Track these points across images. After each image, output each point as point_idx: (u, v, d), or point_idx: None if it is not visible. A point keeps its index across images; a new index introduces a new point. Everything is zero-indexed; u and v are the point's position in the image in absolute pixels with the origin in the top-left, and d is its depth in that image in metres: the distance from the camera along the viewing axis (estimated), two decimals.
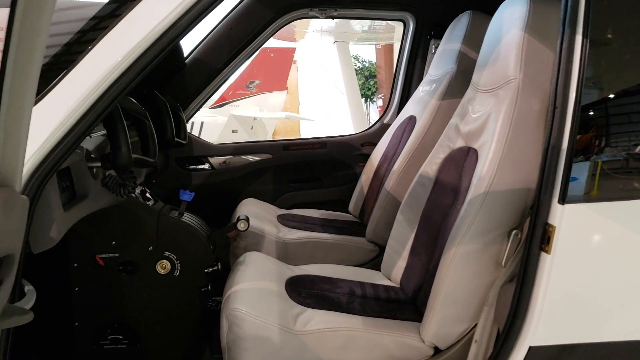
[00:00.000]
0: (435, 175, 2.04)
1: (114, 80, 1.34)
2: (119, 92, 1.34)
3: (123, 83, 1.34)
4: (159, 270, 2.06)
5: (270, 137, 11.51)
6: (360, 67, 16.83)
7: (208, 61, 2.88)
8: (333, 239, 2.48)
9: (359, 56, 16.39)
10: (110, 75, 1.34)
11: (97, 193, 1.75)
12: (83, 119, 1.32)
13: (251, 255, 2.14)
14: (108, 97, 1.33)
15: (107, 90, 1.33)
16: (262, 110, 11.16)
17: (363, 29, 9.15)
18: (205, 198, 3.02)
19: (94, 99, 1.33)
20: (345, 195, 3.09)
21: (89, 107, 1.33)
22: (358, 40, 10.34)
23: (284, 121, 12.76)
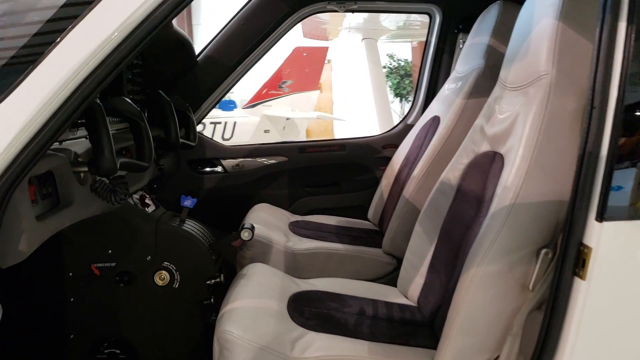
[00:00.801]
0: (458, 183, 1.85)
1: (87, 75, 1.21)
2: (93, 88, 1.22)
3: (97, 78, 1.21)
4: (157, 281, 1.96)
5: (303, 137, 11.43)
6: (395, 66, 16.57)
7: (220, 59, 2.74)
8: (346, 250, 2.30)
9: (394, 55, 16.15)
10: (82, 69, 1.21)
11: (85, 200, 1.62)
12: (52, 120, 1.19)
13: (254, 268, 1.98)
14: (80, 94, 1.21)
15: (78, 86, 1.20)
16: (294, 110, 11.07)
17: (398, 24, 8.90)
18: (217, 202, 2.90)
19: (64, 96, 1.20)
20: (365, 201, 2.92)
21: (58, 106, 1.20)
22: (392, 37, 10.07)
23: (317, 121, 12.69)
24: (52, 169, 1.52)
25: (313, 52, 11.24)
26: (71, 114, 1.21)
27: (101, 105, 1.49)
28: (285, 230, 2.45)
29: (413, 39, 11.01)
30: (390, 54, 15.28)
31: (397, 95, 15.21)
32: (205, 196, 2.89)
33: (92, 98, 1.23)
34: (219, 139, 10.14)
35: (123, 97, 1.76)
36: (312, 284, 1.97)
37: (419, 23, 8.85)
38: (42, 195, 1.48)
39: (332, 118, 12.97)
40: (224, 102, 14.80)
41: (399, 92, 15.76)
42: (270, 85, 11.21)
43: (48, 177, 1.53)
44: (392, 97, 15.22)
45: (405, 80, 16.46)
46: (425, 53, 3.10)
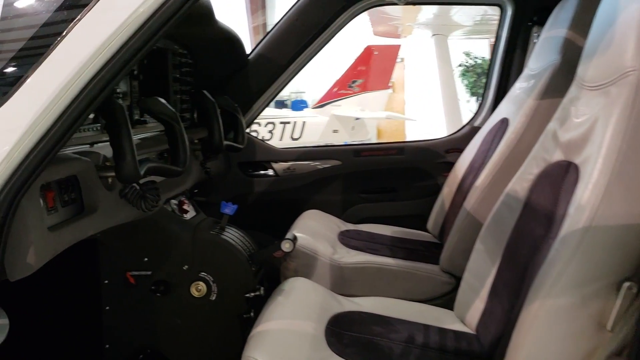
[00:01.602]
0: (526, 196, 1.63)
1: (97, 70, 1.10)
2: (104, 85, 1.11)
3: (109, 73, 1.11)
4: (193, 292, 1.88)
5: (373, 138, 11.26)
6: (472, 64, 16.06)
7: (273, 57, 2.61)
8: (399, 266, 2.10)
9: (470, 52, 15.64)
10: (91, 64, 1.10)
11: (112, 206, 1.53)
12: (59, 121, 1.09)
13: (295, 283, 1.83)
14: (90, 92, 1.10)
15: (88, 82, 1.10)
16: (364, 110, 10.91)
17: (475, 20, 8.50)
18: (267, 207, 2.79)
19: (71, 95, 1.11)
20: (425, 210, 2.70)
21: (65, 106, 1.11)
22: (468, 33, 9.67)
23: (388, 121, 12.51)
24: (76, 173, 1.43)
25: (384, 51, 11.10)
26: (80, 114, 1.12)
27: (122, 105, 1.39)
28: (333, 241, 2.28)
29: (490, 35, 10.55)
30: (467, 52, 14.85)
31: (473, 94, 14.80)
32: (255, 200, 2.78)
33: (104, 96, 1.12)
34: (288, 138, 10.17)
35: (157, 97, 1.66)
36: (356, 303, 1.79)
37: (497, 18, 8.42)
38: (63, 202, 1.39)
39: (401, 118, 12.72)
40: (295, 102, 14.92)
41: (475, 92, 15.31)
42: (341, 85, 11.15)
43: (72, 182, 1.44)
44: (469, 96, 14.80)
45: (482, 79, 15.94)
46: (495, 49, 2.85)
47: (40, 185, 1.30)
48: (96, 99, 1.13)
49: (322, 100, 11.30)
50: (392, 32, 9.72)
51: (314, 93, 12.63)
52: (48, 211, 1.33)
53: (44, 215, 1.30)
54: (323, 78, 11.92)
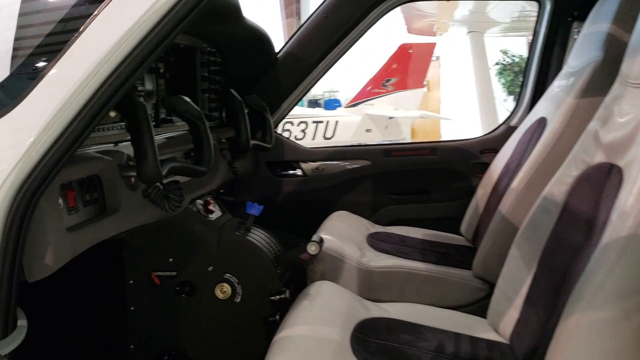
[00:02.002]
0: (564, 200, 1.54)
1: (115, 66, 1.08)
2: (122, 81, 1.08)
3: (127, 69, 1.08)
4: (217, 294, 1.84)
5: (407, 138, 11.16)
6: (509, 62, 15.76)
7: (302, 55, 2.56)
8: (429, 271, 2.02)
9: (508, 50, 15.34)
10: (109, 59, 1.07)
11: (134, 207, 1.51)
12: (75, 120, 1.07)
13: (321, 287, 1.78)
14: (109, 88, 1.07)
15: (106, 79, 1.07)
16: (398, 109, 10.82)
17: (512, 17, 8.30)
18: (295, 208, 2.74)
19: (90, 91, 1.07)
20: (458, 212, 2.60)
21: (84, 102, 1.08)
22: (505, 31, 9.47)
23: (423, 120, 12.39)
24: (99, 172, 1.41)
25: (419, 49, 11.02)
26: (98, 111, 1.09)
27: (144, 104, 1.36)
28: (361, 244, 2.22)
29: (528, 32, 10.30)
30: (504, 50, 14.61)
31: (510, 93, 14.56)
32: (283, 200, 2.74)
33: (120, 94, 1.10)
34: (321, 138, 10.15)
35: (182, 96, 1.63)
36: (384, 309, 1.73)
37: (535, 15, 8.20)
38: (84, 201, 1.37)
39: (436, 117, 12.57)
40: (328, 101, 14.91)
41: (512, 90, 15.05)
42: (374, 83, 11.11)
43: (95, 182, 1.42)
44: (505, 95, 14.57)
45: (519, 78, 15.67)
46: (533, 45, 2.73)
47: (61, 185, 1.29)
48: (115, 95, 1.10)
49: (355, 99, 11.26)
50: (427, 30, 9.59)
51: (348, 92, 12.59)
52: (69, 211, 1.31)
53: (64, 215, 1.28)
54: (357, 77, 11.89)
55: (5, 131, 1.07)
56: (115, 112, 1.44)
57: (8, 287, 1.09)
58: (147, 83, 1.78)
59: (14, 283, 1.10)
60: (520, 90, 2.84)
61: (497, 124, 3.01)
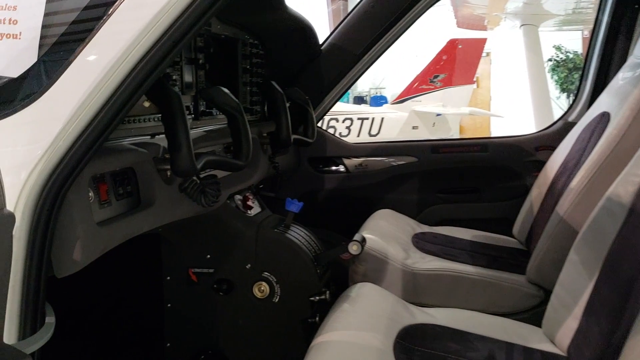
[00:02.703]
0: (631, 202, 1.40)
1: (145, 51, 1.02)
2: (153, 67, 1.03)
3: (158, 55, 1.03)
4: (255, 293, 1.80)
5: (455, 135, 10.95)
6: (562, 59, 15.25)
7: (346, 47, 2.47)
8: (479, 274, 1.90)
9: (561, 46, 14.85)
10: (138, 44, 1.02)
11: (169, 201, 1.46)
12: (106, 105, 1.02)
13: (362, 289, 1.69)
14: (138, 75, 1.02)
15: (135, 64, 1.02)
16: (446, 105, 10.60)
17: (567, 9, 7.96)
18: (338, 205, 2.67)
19: (119, 78, 1.02)
20: (511, 213, 2.46)
21: (113, 89, 1.02)
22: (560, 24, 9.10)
23: (472, 117, 12.13)
24: (133, 165, 1.36)
25: (469, 44, 10.80)
26: (127, 99, 1.04)
27: (178, 93, 1.30)
28: (406, 244, 2.11)
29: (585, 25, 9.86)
30: (557, 45, 14.15)
31: (563, 90, 14.11)
32: (324, 197, 2.67)
33: (151, 80, 1.05)
34: (366, 135, 10.05)
35: (220, 87, 1.57)
36: (430, 314, 1.63)
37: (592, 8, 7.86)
38: (117, 195, 1.33)
39: (486, 114, 12.28)
40: (374, 98, 14.77)
41: (566, 87, 14.59)
42: (422, 80, 10.93)
43: (129, 175, 1.37)
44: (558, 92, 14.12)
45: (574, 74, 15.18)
46: (595, 35, 2.56)
47: (92, 177, 1.25)
48: (145, 82, 1.04)
49: (402, 95, 11.10)
50: (477, 24, 9.32)
51: (394, 89, 12.43)
52: (100, 204, 1.27)
53: (95, 208, 1.24)
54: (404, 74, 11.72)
55: (31, 121, 1.03)
56: (149, 102, 1.38)
57: (36, 283, 1.05)
58: (185, 75, 1.73)
59: (42, 279, 1.07)
60: (579, 84, 2.68)
61: (552, 122, 2.84)
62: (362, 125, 10.14)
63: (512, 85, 12.61)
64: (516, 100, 12.30)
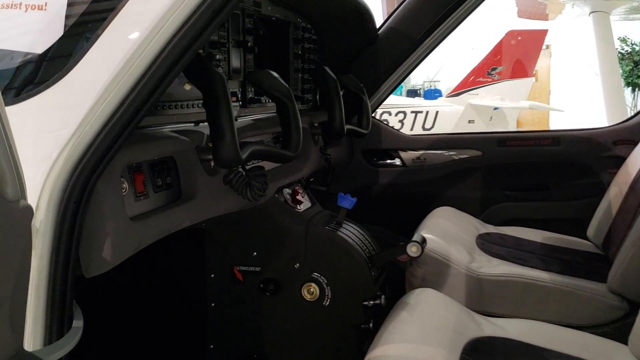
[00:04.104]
0: None
1: (182, 22, 0.91)
2: (191, 40, 0.93)
3: (196, 26, 0.92)
4: (304, 294, 1.67)
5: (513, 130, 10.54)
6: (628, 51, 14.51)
7: (405, 31, 2.29)
8: (554, 282, 1.70)
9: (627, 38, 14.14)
10: (172, 15, 0.91)
11: (213, 194, 1.35)
12: (139, 84, 0.92)
13: (422, 295, 1.53)
14: (174, 49, 0.92)
15: (171, 37, 0.91)
16: (504, 99, 10.20)
17: None
18: (393, 201, 2.51)
19: (152, 54, 0.91)
20: (585, 213, 2.25)
21: (146, 66, 0.92)
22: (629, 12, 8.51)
23: (530, 112, 11.70)
24: (173, 154, 1.25)
25: (528, 36, 10.43)
26: (162, 77, 0.93)
27: (222, 75, 1.17)
28: (470, 246, 1.92)
29: None
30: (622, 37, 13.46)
31: (628, 84, 13.44)
32: (379, 193, 2.52)
33: (189, 56, 0.94)
34: (419, 129, 9.81)
35: (269, 70, 1.43)
36: (499, 326, 1.45)
37: None
38: (155, 186, 1.22)
39: (546, 108, 11.81)
40: (428, 91, 14.44)
41: (632, 81, 13.88)
42: (478, 72, 10.60)
43: (169, 165, 1.26)
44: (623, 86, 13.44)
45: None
46: None
47: (128, 167, 1.14)
48: (182, 57, 0.92)
49: (458, 88, 10.79)
50: (539, 13, 8.88)
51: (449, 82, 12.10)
52: (136, 197, 1.17)
53: (130, 201, 1.13)
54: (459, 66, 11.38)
55: (54, 103, 0.92)
56: (190, 85, 1.26)
57: (63, 283, 0.95)
58: (233, 58, 1.61)
59: (70, 278, 0.96)
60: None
61: (626, 116, 2.58)
62: (416, 119, 9.90)
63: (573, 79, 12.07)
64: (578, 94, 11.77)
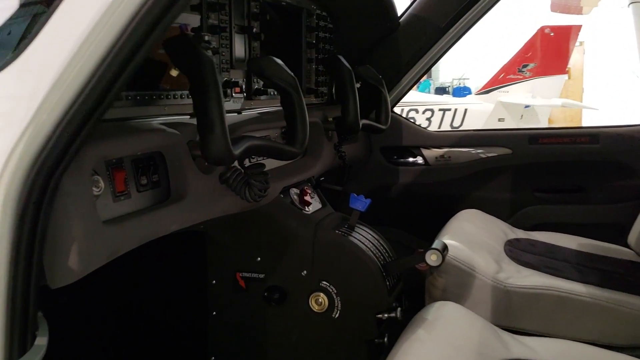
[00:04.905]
0: None
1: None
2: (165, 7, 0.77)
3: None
4: (312, 305, 1.54)
5: None
6: None
7: (429, 19, 2.12)
8: (591, 296, 1.51)
9: None
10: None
11: (208, 194, 1.23)
12: (103, 63, 0.78)
13: (443, 309, 1.37)
14: (146, 17, 0.77)
15: (139, 8, 0.76)
16: (535, 96, 9.92)
17: None
18: (414, 202, 2.36)
19: (121, 24, 0.76)
20: (625, 217, 2.06)
21: (113, 40, 0.77)
22: None
23: (562, 110, 11.36)
24: (162, 149, 1.12)
25: (561, 31, 10.15)
26: (130, 55, 0.79)
27: (211, 58, 1.03)
28: (497, 253, 1.74)
29: None
30: None
31: None
32: (399, 193, 2.36)
33: (163, 26, 0.79)
34: (447, 127, 9.61)
35: (272, 57, 1.29)
36: (529, 347, 1.28)
37: None
38: (139, 185, 1.08)
39: (579, 106, 11.48)
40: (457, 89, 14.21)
41: None
42: (509, 69, 10.40)
43: (157, 162, 1.13)
44: None
45: None
46: None
47: (106, 163, 1.01)
48: (154, 29, 0.78)
49: (487, 85, 10.60)
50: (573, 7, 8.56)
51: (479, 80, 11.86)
52: (115, 197, 1.04)
53: (106, 202, 1.00)
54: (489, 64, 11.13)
55: (4, 91, 0.79)
56: (177, 71, 1.12)
57: (24, 295, 0.84)
58: (237, 46, 1.47)
59: (32, 289, 0.84)
60: None
61: None
62: (444, 117, 9.72)
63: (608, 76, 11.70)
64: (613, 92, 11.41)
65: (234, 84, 1.44)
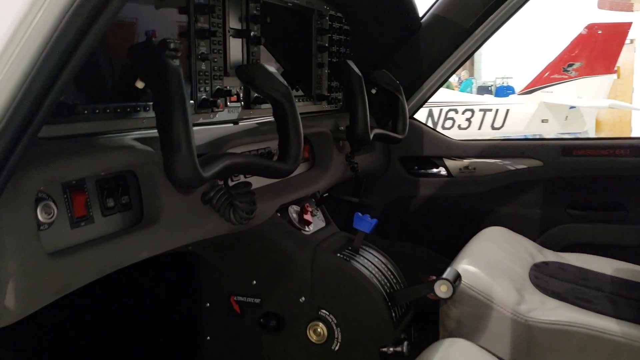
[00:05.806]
0: None
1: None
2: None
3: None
4: (310, 335, 1.43)
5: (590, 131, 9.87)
6: None
7: (454, 19, 1.96)
8: (626, 335, 1.32)
9: None
10: None
11: (185, 216, 1.13)
12: (32, 69, 0.68)
13: (453, 349, 1.23)
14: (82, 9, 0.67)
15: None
16: (581, 97, 9.55)
17: None
18: (435, 217, 2.19)
19: (51, 21, 0.67)
20: None
21: (43, 41, 0.67)
22: None
23: (610, 111, 10.92)
24: (134, 167, 1.01)
25: (610, 29, 9.75)
26: (64, 61, 0.69)
27: (177, 68, 0.91)
28: (520, 280, 1.56)
29: None
30: None
31: None
32: (419, 206, 2.21)
33: (101, 24, 0.70)
34: (488, 128, 9.35)
35: (263, 64, 1.18)
36: None
37: None
38: (105, 208, 0.98)
39: (628, 107, 11.03)
40: (500, 88, 13.83)
41: None
42: (554, 69, 10.04)
43: (127, 182, 1.02)
44: None
45: None
46: None
47: (63, 185, 0.90)
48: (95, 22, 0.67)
49: (530, 85, 10.28)
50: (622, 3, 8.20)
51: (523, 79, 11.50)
52: (74, 223, 0.93)
53: (63, 229, 0.91)
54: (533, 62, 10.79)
55: None
56: (142, 83, 1.00)
57: None
58: (232, 51, 1.35)
59: None
60: None
61: None
62: (485, 117, 9.42)
63: None
64: None
65: (227, 93, 1.33)
